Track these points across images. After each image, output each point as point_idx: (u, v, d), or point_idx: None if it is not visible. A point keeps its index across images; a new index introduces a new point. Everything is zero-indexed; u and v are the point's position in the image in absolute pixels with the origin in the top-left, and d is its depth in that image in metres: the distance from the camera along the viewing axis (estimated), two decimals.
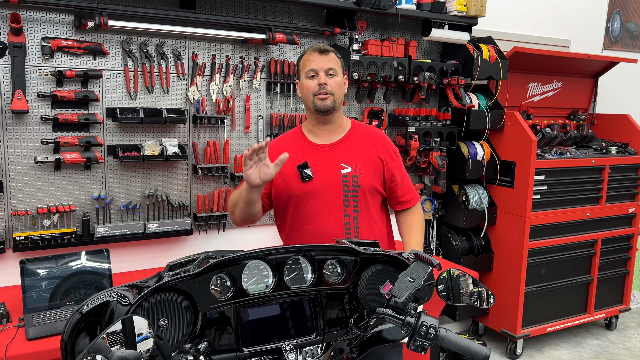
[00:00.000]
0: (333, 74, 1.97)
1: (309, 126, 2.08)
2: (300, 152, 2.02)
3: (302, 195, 1.98)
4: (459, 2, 3.29)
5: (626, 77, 4.50)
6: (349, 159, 2.00)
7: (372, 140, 2.07)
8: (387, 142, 2.11)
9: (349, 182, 1.98)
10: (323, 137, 2.05)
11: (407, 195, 2.11)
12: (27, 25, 2.39)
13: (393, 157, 2.09)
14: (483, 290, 1.44)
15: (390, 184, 2.07)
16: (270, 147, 2.07)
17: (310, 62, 1.97)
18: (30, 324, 2.02)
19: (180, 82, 2.77)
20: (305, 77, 1.98)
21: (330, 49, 2.00)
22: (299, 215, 2.00)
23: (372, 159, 2.03)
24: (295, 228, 2.02)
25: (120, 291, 1.16)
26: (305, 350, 1.35)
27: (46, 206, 2.50)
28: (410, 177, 2.18)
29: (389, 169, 2.06)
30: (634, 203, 3.94)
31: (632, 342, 3.98)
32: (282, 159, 1.75)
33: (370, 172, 2.01)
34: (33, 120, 2.45)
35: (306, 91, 1.99)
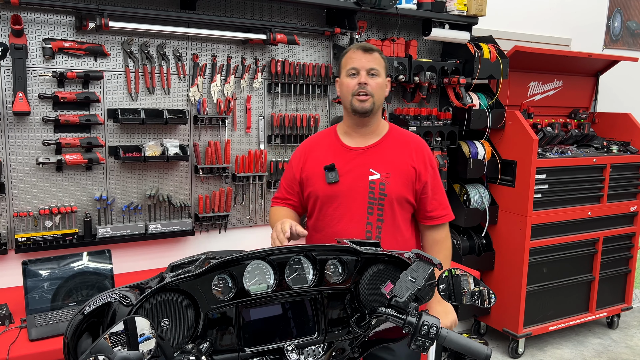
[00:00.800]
0: (375, 75, 1.88)
1: (344, 127, 2.01)
2: (331, 153, 1.96)
3: (326, 197, 1.93)
4: (459, 2, 3.29)
5: (627, 76, 4.49)
6: (378, 165, 1.92)
7: (407, 147, 1.97)
8: (425, 151, 1.99)
9: (376, 189, 1.90)
10: (357, 139, 1.98)
11: (437, 210, 1.99)
12: (28, 26, 2.40)
13: (428, 167, 1.97)
14: (484, 290, 1.44)
15: (421, 196, 1.96)
16: (303, 146, 2.06)
17: (353, 60, 1.88)
18: (32, 324, 2.03)
19: (181, 83, 2.77)
20: (346, 75, 1.90)
21: (375, 49, 1.91)
22: (322, 217, 1.96)
23: (404, 168, 1.93)
24: (317, 230, 1.99)
25: (122, 292, 1.17)
26: (307, 350, 1.35)
27: (48, 207, 2.50)
28: (445, 194, 2.05)
29: (421, 180, 1.94)
30: (635, 202, 3.94)
31: (634, 341, 3.98)
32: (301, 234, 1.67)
33: (400, 181, 1.91)
34: (34, 122, 2.45)
35: (345, 90, 1.91)
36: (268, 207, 3.11)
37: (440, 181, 2.03)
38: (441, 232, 2.02)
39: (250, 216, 3.06)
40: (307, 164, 2.00)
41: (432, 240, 2.03)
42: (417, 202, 1.97)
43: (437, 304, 1.92)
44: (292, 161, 2.08)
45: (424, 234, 2.05)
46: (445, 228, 2.04)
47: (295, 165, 2.03)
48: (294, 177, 2.03)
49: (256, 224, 3.09)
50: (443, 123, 3.45)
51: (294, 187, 2.04)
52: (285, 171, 2.11)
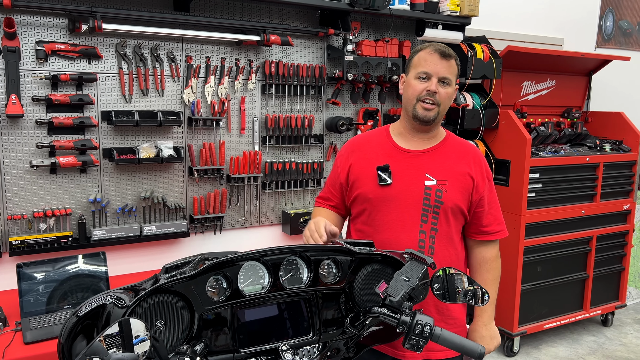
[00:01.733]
0: (447, 84, 1.74)
1: (399, 129, 1.86)
2: (383, 153, 1.81)
3: (377, 200, 1.77)
4: (452, 2, 3.31)
5: (619, 75, 4.52)
6: (436, 171, 1.77)
7: (466, 155, 1.83)
8: (483, 162, 1.86)
9: (432, 196, 1.74)
10: (412, 143, 1.82)
11: (492, 225, 1.84)
12: (21, 29, 2.39)
13: (485, 179, 1.83)
14: (478, 289, 1.45)
15: (476, 209, 1.81)
16: (350, 145, 1.92)
17: (427, 63, 1.73)
18: (27, 327, 2.02)
19: (175, 85, 2.77)
20: (415, 77, 1.75)
21: (453, 55, 1.75)
22: (370, 222, 1.80)
23: (462, 176, 1.78)
24: (364, 236, 1.82)
25: (116, 294, 1.17)
26: (302, 350, 1.35)
27: (42, 210, 2.50)
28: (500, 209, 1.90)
29: (478, 191, 1.80)
30: (628, 200, 3.97)
31: (628, 338, 4.00)
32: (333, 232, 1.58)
33: (457, 190, 1.76)
34: (28, 124, 2.45)
35: (411, 92, 1.75)
36: (263, 208, 3.12)
37: (496, 195, 1.89)
38: (492, 250, 1.87)
39: (245, 217, 3.06)
40: (355, 164, 1.84)
41: (481, 258, 1.87)
42: (470, 215, 1.82)
43: (483, 328, 1.85)
44: (337, 160, 1.93)
45: (473, 251, 1.88)
46: (496, 246, 1.89)
47: (341, 165, 1.88)
48: (339, 177, 1.89)
49: (251, 225, 3.10)
50: None
51: (338, 188, 1.90)
52: (331, 172, 1.96)
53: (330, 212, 1.94)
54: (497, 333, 1.87)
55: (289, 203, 3.20)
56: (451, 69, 1.74)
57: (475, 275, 1.87)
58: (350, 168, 1.85)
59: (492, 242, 1.87)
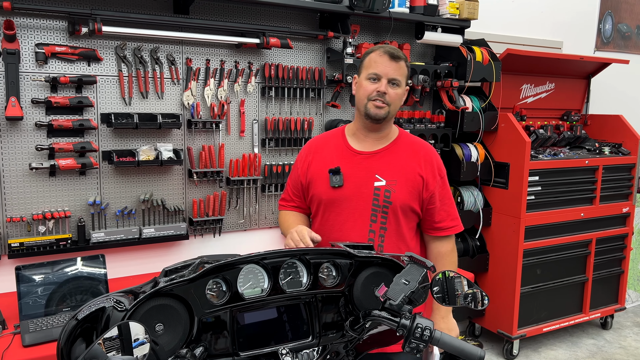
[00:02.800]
0: (396, 85, 1.82)
1: (353, 129, 1.94)
2: (337, 155, 1.90)
3: (329, 201, 1.87)
4: (451, 5, 3.31)
5: (618, 78, 4.53)
6: (385, 171, 1.86)
7: (416, 154, 1.90)
8: (434, 159, 1.92)
9: (380, 196, 1.83)
10: (365, 143, 1.91)
11: (446, 221, 1.92)
12: (20, 31, 2.39)
13: (437, 177, 1.91)
14: (477, 292, 1.44)
15: (428, 206, 1.89)
16: (308, 146, 2.00)
17: (377, 65, 1.80)
18: (26, 330, 2.02)
19: (174, 87, 2.77)
20: (366, 78, 1.83)
21: (402, 56, 1.83)
22: (324, 222, 1.90)
23: (411, 175, 1.86)
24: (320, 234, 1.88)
25: (116, 297, 1.17)
26: (302, 353, 1.35)
27: (41, 212, 2.49)
28: (454, 205, 1.98)
29: (428, 189, 1.87)
30: (627, 203, 3.97)
31: (627, 341, 4.00)
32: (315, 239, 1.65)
33: (406, 190, 1.85)
34: (27, 127, 2.45)
35: (362, 92, 1.84)
36: (262, 210, 3.11)
37: (449, 191, 1.96)
38: (447, 245, 1.95)
39: (244, 220, 3.06)
40: (312, 164, 1.93)
41: (437, 253, 1.95)
42: (423, 212, 1.90)
43: (441, 321, 1.89)
44: (297, 162, 2.02)
45: (429, 246, 1.98)
46: (451, 240, 1.96)
47: (300, 167, 1.97)
48: (299, 178, 1.97)
49: (250, 228, 3.10)
50: (436, 126, 3.47)
51: (299, 188, 1.99)
52: (291, 172, 2.05)
53: (298, 214, 2.02)
54: (455, 325, 1.92)
55: None
56: (400, 71, 1.82)
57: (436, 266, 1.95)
58: (308, 168, 1.95)
59: (447, 237, 1.95)
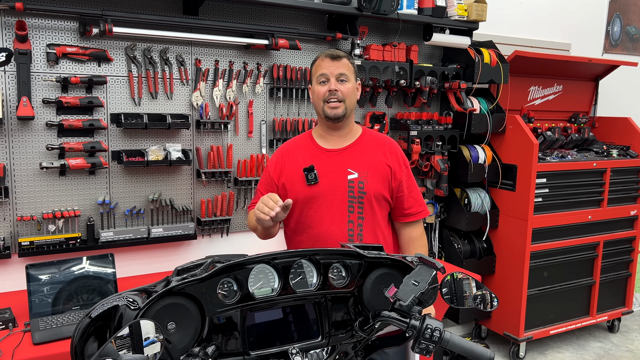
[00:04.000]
0: (345, 80, 1.93)
1: (319, 131, 2.06)
2: (309, 155, 2.00)
3: (306, 199, 1.95)
4: (460, 7, 3.31)
5: (626, 80, 4.51)
6: (356, 165, 1.97)
7: (381, 147, 2.03)
8: (398, 151, 2.06)
9: (355, 188, 1.94)
10: (332, 142, 2.02)
11: (414, 207, 2.05)
12: (32, 32, 2.41)
13: (402, 167, 2.04)
14: (487, 293, 1.45)
15: (397, 194, 2.02)
16: (279, 151, 2.09)
17: (322, 67, 1.94)
18: (36, 328, 2.04)
19: (183, 88, 2.79)
20: (317, 83, 1.95)
21: (343, 55, 1.96)
22: (303, 219, 1.98)
23: (380, 166, 1.99)
24: (298, 232, 2.01)
25: (129, 295, 1.18)
26: (311, 353, 1.36)
27: (51, 211, 2.51)
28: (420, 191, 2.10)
29: (396, 178, 2.01)
30: (635, 205, 3.95)
31: (634, 345, 3.98)
32: (287, 204, 1.69)
33: (377, 180, 1.97)
34: (38, 126, 2.47)
35: (317, 97, 1.96)
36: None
37: (414, 179, 2.08)
38: (417, 229, 2.07)
39: None
40: (285, 168, 2.02)
41: (408, 238, 2.07)
42: (393, 200, 2.02)
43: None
44: (269, 167, 2.08)
45: (400, 232, 2.09)
46: (420, 225, 2.08)
47: (273, 171, 2.04)
48: (272, 183, 2.04)
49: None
50: (444, 127, 3.47)
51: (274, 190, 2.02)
52: (262, 177, 2.11)
53: None
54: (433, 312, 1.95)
55: None
56: (344, 67, 1.93)
57: (405, 253, 2.04)
58: (281, 172, 2.02)
59: (416, 223, 2.07)
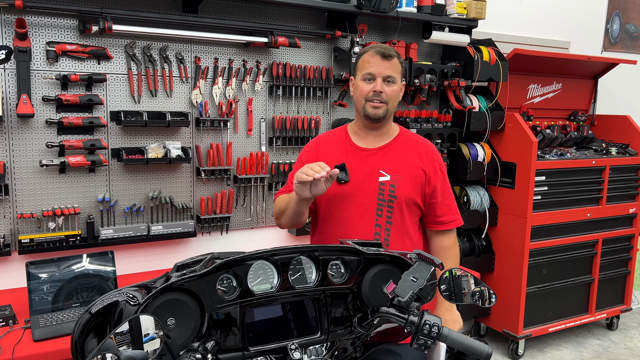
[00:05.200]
0: (391, 82, 1.85)
1: (355, 128, 1.98)
2: (342, 152, 1.94)
3: (335, 197, 1.88)
4: (459, 5, 3.32)
5: (626, 78, 4.52)
6: (389, 167, 1.90)
7: (417, 150, 1.95)
8: (435, 154, 1.97)
9: (385, 191, 1.87)
10: (367, 141, 1.95)
11: (447, 215, 1.96)
12: (32, 29, 2.42)
13: (438, 172, 1.95)
14: (485, 290, 1.45)
15: (430, 200, 1.94)
16: (314, 143, 2.02)
17: (370, 65, 1.84)
18: (36, 325, 2.04)
19: (183, 86, 2.79)
20: (361, 79, 1.86)
21: (394, 54, 1.85)
22: (329, 218, 1.92)
23: (414, 170, 1.91)
24: (324, 231, 1.94)
25: (129, 291, 1.18)
26: (310, 349, 1.37)
27: (51, 209, 2.52)
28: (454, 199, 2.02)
29: (430, 184, 1.92)
30: (634, 203, 3.96)
31: (633, 342, 3.99)
32: (333, 174, 1.64)
33: (409, 184, 1.89)
34: (38, 124, 2.47)
35: (359, 94, 1.87)
36: (270, 209, 3.13)
37: (449, 186, 2.00)
38: (449, 238, 1.99)
39: (251, 218, 3.08)
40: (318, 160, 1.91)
41: (439, 247, 1.99)
42: (425, 207, 1.94)
43: (445, 313, 1.91)
44: (301, 157, 2.03)
45: (432, 240, 2.01)
46: (453, 234, 2.00)
47: (306, 161, 1.97)
48: None
49: (258, 226, 3.11)
50: (443, 125, 3.47)
51: None
52: (294, 166, 2.04)
53: None
54: (459, 317, 1.94)
55: None
56: (394, 68, 1.84)
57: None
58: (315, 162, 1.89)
59: (448, 231, 1.99)
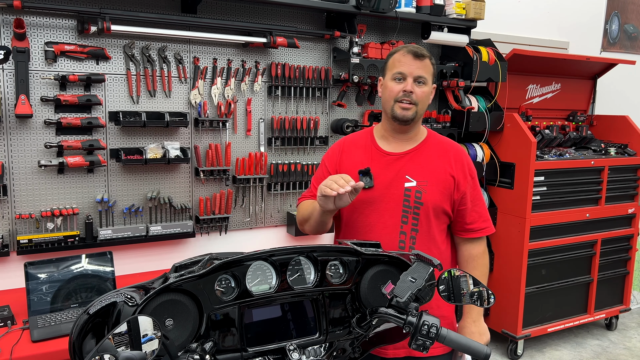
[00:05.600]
0: (422, 83, 1.76)
1: (382, 130, 1.89)
2: (367, 156, 1.85)
3: (359, 203, 1.79)
4: (458, 5, 3.32)
5: (624, 79, 4.52)
6: (415, 172, 1.80)
7: (446, 154, 1.85)
8: (464, 159, 1.87)
9: (411, 197, 1.78)
10: (394, 144, 1.85)
11: (477, 222, 1.86)
12: (30, 30, 2.41)
13: (468, 177, 1.85)
14: (483, 290, 1.45)
15: (459, 207, 1.83)
16: (338, 146, 1.95)
17: (401, 64, 1.76)
18: (35, 326, 2.04)
19: (182, 86, 2.79)
20: (391, 79, 1.78)
21: (426, 54, 1.78)
22: (352, 224, 1.84)
23: (442, 176, 1.81)
24: (347, 237, 1.86)
25: (127, 292, 1.18)
26: (309, 350, 1.36)
27: (50, 209, 2.52)
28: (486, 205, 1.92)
29: (459, 190, 1.82)
30: (633, 204, 3.96)
31: (632, 342, 3.99)
32: (358, 187, 1.57)
33: (437, 190, 1.79)
34: (37, 124, 2.47)
35: (388, 94, 1.79)
36: (268, 209, 3.13)
37: (480, 192, 1.90)
38: (479, 247, 1.89)
39: (250, 218, 3.08)
40: (343, 164, 1.88)
41: (468, 255, 1.89)
42: (454, 214, 1.85)
43: (472, 325, 1.87)
44: (325, 161, 1.95)
45: (460, 248, 1.92)
46: (483, 242, 1.91)
47: (330, 165, 1.91)
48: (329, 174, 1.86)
49: (256, 226, 3.11)
50: (442, 126, 3.47)
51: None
52: (317, 170, 1.97)
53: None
54: (486, 329, 1.89)
55: (294, 204, 3.21)
56: (426, 69, 1.76)
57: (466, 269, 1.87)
58: (339, 165, 1.88)
59: (478, 239, 1.89)
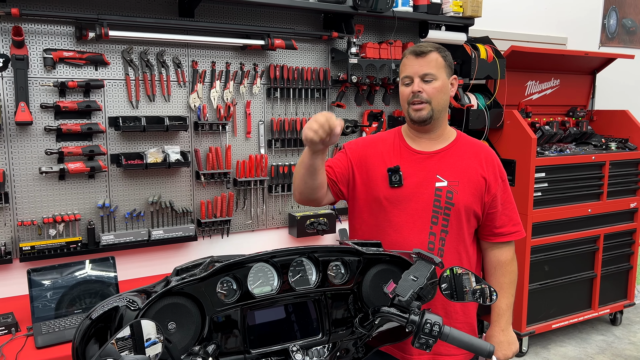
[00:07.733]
0: (430, 80, 1.72)
1: (408, 132, 1.85)
2: (396, 154, 1.80)
3: (387, 201, 1.75)
4: (455, 3, 3.32)
5: (624, 73, 4.52)
6: (447, 172, 1.75)
7: (477, 156, 1.81)
8: (495, 161, 1.84)
9: (442, 197, 1.72)
10: (422, 144, 1.81)
11: (507, 226, 1.80)
12: (29, 37, 2.42)
13: (498, 179, 1.80)
14: (486, 287, 1.45)
15: (489, 210, 1.78)
16: (364, 139, 1.91)
17: (406, 67, 1.76)
18: (39, 332, 2.05)
19: (181, 90, 2.80)
20: (402, 84, 1.78)
21: (429, 49, 1.73)
22: (379, 223, 1.78)
23: (473, 177, 1.76)
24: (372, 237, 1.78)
25: (129, 296, 1.18)
26: (312, 350, 1.36)
27: (51, 216, 2.52)
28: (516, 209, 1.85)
29: (490, 192, 1.77)
30: (635, 198, 3.95)
31: (637, 337, 3.98)
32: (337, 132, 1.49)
33: (468, 191, 1.74)
34: (37, 131, 2.47)
35: (402, 99, 1.78)
36: (270, 211, 3.13)
37: (511, 195, 1.84)
38: (507, 252, 1.83)
39: (252, 220, 3.08)
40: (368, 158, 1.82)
41: (495, 262, 1.83)
42: (483, 217, 1.79)
43: (501, 334, 1.82)
44: (346, 147, 1.88)
45: (488, 254, 1.85)
46: (512, 247, 1.84)
47: (351, 153, 1.84)
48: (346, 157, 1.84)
49: (258, 228, 3.11)
50: None
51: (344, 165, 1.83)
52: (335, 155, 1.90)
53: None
54: (515, 339, 1.84)
55: (295, 206, 3.22)
56: (431, 64, 1.72)
57: (490, 279, 1.83)
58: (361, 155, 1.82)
59: (507, 244, 1.82)
